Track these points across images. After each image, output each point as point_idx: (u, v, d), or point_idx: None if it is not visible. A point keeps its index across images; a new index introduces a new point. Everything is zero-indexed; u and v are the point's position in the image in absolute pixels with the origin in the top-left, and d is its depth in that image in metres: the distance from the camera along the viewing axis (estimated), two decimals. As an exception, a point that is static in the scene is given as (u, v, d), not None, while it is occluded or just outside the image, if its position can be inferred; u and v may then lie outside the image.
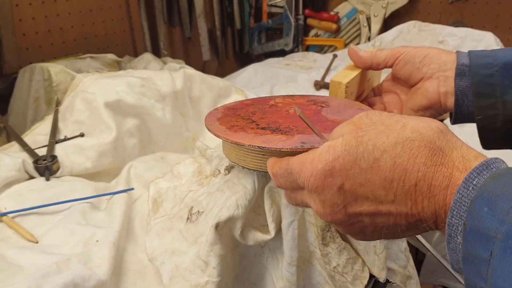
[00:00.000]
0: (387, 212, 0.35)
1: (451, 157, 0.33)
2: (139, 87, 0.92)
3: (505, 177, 0.30)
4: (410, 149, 0.33)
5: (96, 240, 0.61)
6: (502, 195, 0.28)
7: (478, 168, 0.31)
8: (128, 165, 0.81)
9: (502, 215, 0.28)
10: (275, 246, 0.61)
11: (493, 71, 0.52)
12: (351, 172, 0.35)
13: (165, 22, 1.70)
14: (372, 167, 0.34)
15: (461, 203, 0.30)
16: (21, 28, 1.28)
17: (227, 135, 0.54)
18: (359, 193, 0.35)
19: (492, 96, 0.53)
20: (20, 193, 0.70)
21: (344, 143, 0.36)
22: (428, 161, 0.33)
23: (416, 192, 0.33)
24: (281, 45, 1.91)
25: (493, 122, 0.54)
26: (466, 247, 0.30)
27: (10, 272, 0.54)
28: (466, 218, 0.30)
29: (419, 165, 0.33)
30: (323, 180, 0.36)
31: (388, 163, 0.34)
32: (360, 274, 0.61)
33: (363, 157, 0.34)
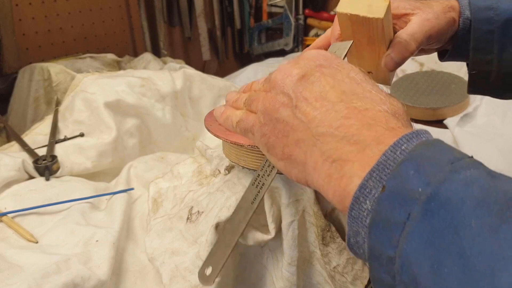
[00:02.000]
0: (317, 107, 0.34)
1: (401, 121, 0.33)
2: (139, 87, 0.92)
3: (436, 145, 0.29)
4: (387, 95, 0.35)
5: (96, 240, 0.61)
6: (432, 160, 0.27)
7: (408, 135, 0.29)
8: (128, 165, 0.81)
9: (429, 178, 0.26)
10: (275, 246, 0.61)
11: (493, 27, 0.51)
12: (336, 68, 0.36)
13: (165, 22, 1.70)
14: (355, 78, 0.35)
15: (385, 165, 0.28)
16: (21, 28, 1.28)
17: (227, 135, 0.54)
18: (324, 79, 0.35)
19: (489, 53, 0.52)
20: (20, 193, 0.70)
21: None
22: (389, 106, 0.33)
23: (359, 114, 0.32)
24: (281, 45, 1.91)
25: (486, 77, 0.54)
26: (378, 211, 0.27)
27: (10, 272, 0.54)
28: (387, 180, 0.27)
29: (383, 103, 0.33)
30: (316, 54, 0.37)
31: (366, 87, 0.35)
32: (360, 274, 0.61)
33: (356, 70, 0.36)
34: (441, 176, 0.26)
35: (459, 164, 0.27)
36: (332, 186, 0.31)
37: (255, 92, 0.42)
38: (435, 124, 1.09)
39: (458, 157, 0.27)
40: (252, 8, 1.98)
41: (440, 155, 0.27)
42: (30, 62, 1.16)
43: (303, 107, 0.34)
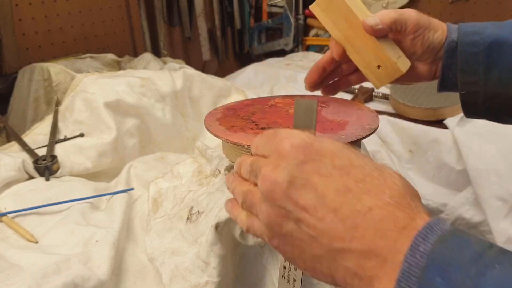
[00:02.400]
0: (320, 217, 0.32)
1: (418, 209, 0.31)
2: (139, 87, 0.92)
3: (452, 241, 0.28)
4: (384, 179, 0.32)
5: (96, 240, 0.61)
6: (453, 262, 0.27)
7: (423, 233, 0.29)
8: (128, 165, 0.81)
9: (457, 285, 0.26)
10: (275, 246, 0.61)
11: (478, 50, 0.54)
12: (321, 159, 0.33)
13: (165, 22, 1.70)
14: (343, 168, 0.33)
15: (410, 273, 0.28)
16: (21, 28, 1.28)
17: (227, 136, 0.54)
18: (313, 180, 0.32)
19: (475, 74, 0.55)
20: (20, 193, 0.70)
21: (331, 141, 0.35)
22: (396, 198, 0.31)
23: (364, 217, 0.30)
24: (281, 45, 1.91)
25: (475, 98, 0.56)
26: None
27: (10, 272, 0.54)
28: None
29: (385, 196, 0.31)
30: (295, 147, 0.34)
31: (358, 175, 0.32)
32: (360, 274, 0.61)
33: (341, 156, 0.33)
34: (469, 283, 0.26)
35: (483, 263, 0.27)
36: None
37: (248, 193, 0.38)
38: (435, 124, 1.09)
39: (479, 252, 0.27)
40: (252, 8, 1.98)
41: (461, 254, 0.27)
42: (30, 62, 1.16)
43: (306, 219, 0.32)
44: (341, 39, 0.58)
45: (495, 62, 0.54)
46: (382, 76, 0.58)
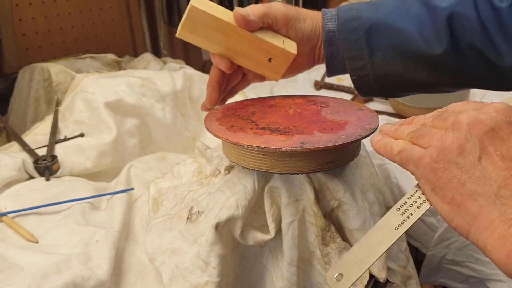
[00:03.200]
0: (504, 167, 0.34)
1: None
2: (139, 87, 0.92)
3: None
4: None
5: (96, 240, 0.61)
6: None
7: None
8: (128, 165, 0.81)
9: None
10: (275, 246, 0.61)
11: (359, 36, 0.55)
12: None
13: (165, 22, 1.70)
14: None
15: None
16: (21, 28, 1.28)
17: (227, 136, 0.54)
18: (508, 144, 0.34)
19: (361, 59, 0.56)
20: (20, 193, 0.70)
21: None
22: None
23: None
24: (281, 45, 1.91)
25: (366, 81, 0.58)
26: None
27: (10, 272, 0.54)
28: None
29: None
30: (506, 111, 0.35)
31: None
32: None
33: None
34: None
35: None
36: (506, 248, 0.32)
37: (425, 127, 0.40)
38: (435, 124, 1.09)
39: None
40: (252, 8, 1.98)
41: None
42: (30, 62, 1.16)
43: (487, 162, 0.34)
44: (223, 51, 0.57)
45: (377, 44, 0.55)
46: (277, 67, 0.59)
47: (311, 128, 0.54)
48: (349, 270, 0.42)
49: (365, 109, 0.62)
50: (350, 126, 0.55)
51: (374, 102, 1.26)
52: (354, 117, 0.58)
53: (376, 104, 1.25)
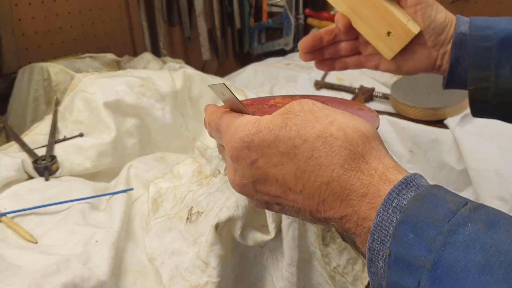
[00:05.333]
0: (293, 199, 0.34)
1: (372, 166, 0.32)
2: (139, 86, 0.92)
3: (428, 198, 0.29)
4: (330, 146, 0.32)
5: (95, 240, 0.61)
6: (427, 220, 0.28)
7: (397, 188, 0.30)
8: (128, 165, 0.81)
9: (429, 243, 0.27)
10: (275, 246, 0.61)
11: (491, 44, 0.53)
12: (267, 151, 0.34)
13: (165, 22, 1.70)
14: (289, 152, 0.33)
15: (382, 227, 0.29)
16: (20, 28, 1.28)
17: (227, 135, 0.54)
18: (270, 173, 0.34)
19: (486, 69, 0.53)
20: (19, 193, 0.70)
21: (269, 120, 0.35)
22: (346, 163, 0.32)
23: (326, 191, 0.32)
24: (281, 45, 1.91)
25: (485, 94, 0.55)
26: (391, 275, 0.28)
27: (10, 272, 0.54)
28: (391, 245, 0.28)
29: (335, 165, 0.32)
30: (239, 150, 0.35)
31: (305, 153, 0.33)
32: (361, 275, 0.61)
33: (283, 140, 0.34)
34: (441, 240, 0.27)
35: (456, 221, 0.27)
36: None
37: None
38: (436, 124, 1.09)
39: (453, 211, 0.28)
40: (252, 8, 1.98)
41: (434, 211, 0.28)
42: (30, 62, 1.16)
43: (284, 202, 0.35)
44: (348, 11, 0.56)
45: (507, 57, 0.53)
46: (393, 43, 0.57)
47: (311, 128, 0.54)
48: None
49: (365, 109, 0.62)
50: (350, 126, 0.55)
51: (374, 102, 1.26)
52: (354, 117, 0.58)
53: (377, 104, 1.25)
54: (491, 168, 0.98)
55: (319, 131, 0.33)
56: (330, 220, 0.33)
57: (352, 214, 0.32)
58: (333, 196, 0.32)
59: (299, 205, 0.34)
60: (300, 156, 0.33)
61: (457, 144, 1.03)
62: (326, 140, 0.33)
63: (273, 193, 0.35)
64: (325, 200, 0.33)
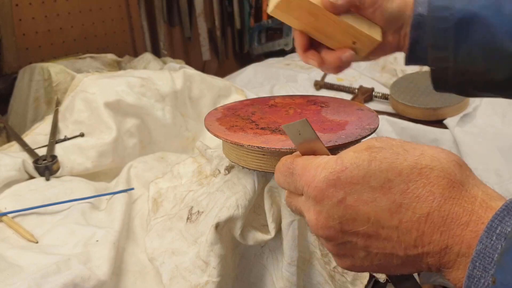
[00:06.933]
0: (386, 237, 0.32)
1: (472, 193, 0.31)
2: (139, 87, 0.92)
3: None
4: (427, 177, 0.31)
5: (96, 240, 0.61)
6: None
7: (499, 214, 0.29)
8: (128, 165, 0.81)
9: None
10: (275, 246, 0.61)
11: (448, 26, 0.53)
12: (357, 187, 0.32)
13: (165, 22, 1.70)
14: (383, 187, 0.32)
15: (486, 254, 0.28)
16: (21, 28, 1.28)
17: (227, 135, 0.54)
18: (361, 211, 0.32)
19: (445, 50, 0.54)
20: (20, 193, 0.70)
21: (355, 156, 0.33)
22: (446, 192, 0.30)
23: (426, 223, 0.31)
24: (281, 45, 1.91)
25: (444, 74, 0.56)
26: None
27: (10, 272, 0.54)
28: (496, 272, 0.27)
29: (435, 195, 0.30)
30: (325, 189, 0.33)
31: (400, 186, 0.31)
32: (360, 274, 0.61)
33: (374, 175, 0.32)
34: None
35: None
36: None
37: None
38: (435, 124, 1.09)
39: None
40: (252, 8, 1.98)
41: None
42: (30, 62, 1.16)
43: (373, 244, 0.33)
44: (309, 30, 0.57)
45: (464, 37, 0.53)
46: (360, 50, 0.58)
47: (311, 128, 0.54)
48: None
49: (365, 109, 0.62)
50: (350, 126, 0.55)
51: (374, 102, 1.26)
52: (354, 117, 0.58)
53: (376, 104, 1.25)
54: (491, 168, 0.98)
55: (413, 163, 0.32)
56: (427, 256, 0.31)
57: (454, 244, 0.30)
58: (433, 228, 0.31)
59: (393, 244, 0.32)
60: (394, 189, 0.31)
61: (456, 144, 1.03)
62: (421, 172, 0.31)
63: (363, 233, 0.33)
64: (424, 233, 0.31)
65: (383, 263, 0.34)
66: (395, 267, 0.34)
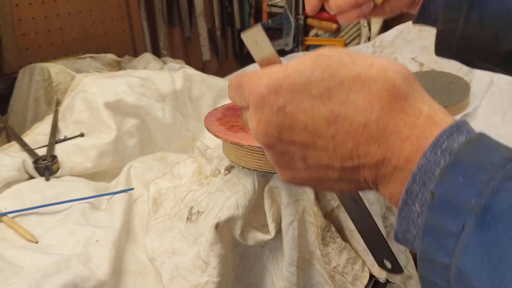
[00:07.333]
0: (323, 147, 0.31)
1: (416, 107, 0.30)
2: (139, 87, 0.92)
3: (480, 143, 0.27)
4: (369, 88, 0.30)
5: (96, 240, 0.61)
6: (480, 165, 0.26)
7: (448, 130, 0.28)
8: (128, 165, 0.81)
9: (480, 187, 0.25)
10: (275, 246, 0.61)
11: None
12: (298, 95, 0.31)
13: (165, 22, 1.70)
14: (322, 95, 0.31)
15: (428, 168, 0.27)
16: (21, 28, 1.28)
17: (227, 136, 0.54)
18: (299, 120, 0.31)
19: (458, 12, 0.53)
20: (20, 193, 0.70)
21: (299, 63, 0.32)
22: (386, 105, 0.29)
23: (363, 135, 0.30)
24: (281, 45, 1.91)
25: (452, 36, 0.55)
26: (431, 217, 0.26)
27: (10, 272, 0.54)
28: (436, 186, 0.26)
29: (375, 107, 0.29)
30: (265, 96, 0.32)
31: (340, 96, 0.30)
32: (360, 274, 0.61)
33: (315, 83, 0.31)
34: (494, 185, 0.25)
35: (511, 167, 0.25)
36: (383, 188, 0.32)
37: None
38: (435, 124, 1.09)
39: (508, 158, 0.26)
40: (252, 8, 1.98)
41: (488, 157, 0.26)
42: (30, 62, 1.16)
43: (311, 154, 0.32)
44: None
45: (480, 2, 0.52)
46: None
47: (311, 128, 0.54)
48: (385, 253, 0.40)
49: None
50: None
51: (374, 102, 1.27)
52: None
53: (376, 104, 1.25)
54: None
55: (357, 73, 0.30)
56: (363, 168, 0.31)
57: (391, 157, 0.29)
58: (370, 140, 0.30)
59: (329, 154, 0.31)
60: (334, 99, 0.30)
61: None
62: (364, 82, 0.30)
63: (300, 141, 0.32)
64: (360, 144, 0.30)
65: (321, 176, 0.33)
66: (333, 182, 0.33)
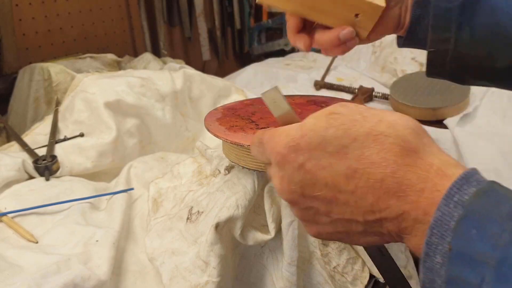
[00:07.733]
0: (345, 202, 0.33)
1: (427, 161, 0.31)
2: (139, 87, 0.92)
3: (490, 194, 0.29)
4: (382, 143, 0.32)
5: (96, 240, 0.61)
6: (491, 216, 0.27)
7: (458, 183, 0.29)
8: (128, 165, 0.81)
9: (493, 239, 0.27)
10: (275, 246, 0.61)
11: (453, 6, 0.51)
12: (315, 153, 0.33)
13: (165, 22, 1.70)
14: (338, 152, 0.33)
15: (443, 221, 0.29)
16: (21, 28, 1.28)
17: (227, 136, 0.54)
18: (319, 176, 0.33)
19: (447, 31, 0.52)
20: (20, 193, 0.70)
21: (313, 123, 0.34)
22: (400, 159, 0.31)
23: (381, 189, 0.31)
24: (281, 45, 1.91)
25: (444, 57, 0.54)
26: (451, 269, 0.28)
27: (10, 272, 0.54)
28: (452, 239, 0.28)
29: (389, 161, 0.31)
30: (286, 155, 0.35)
31: (355, 152, 0.32)
32: (360, 274, 0.61)
33: (330, 141, 0.33)
34: (506, 237, 0.26)
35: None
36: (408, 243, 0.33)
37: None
38: (435, 124, 1.09)
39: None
40: (252, 8, 1.98)
41: (497, 208, 0.28)
42: (30, 62, 1.16)
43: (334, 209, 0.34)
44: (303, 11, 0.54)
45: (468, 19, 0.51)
46: (364, 23, 0.55)
47: (311, 128, 0.54)
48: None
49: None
50: (350, 126, 0.55)
51: (374, 102, 1.27)
52: (354, 117, 0.58)
53: (376, 104, 1.25)
54: (491, 168, 0.98)
55: (369, 129, 0.32)
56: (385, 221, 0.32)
57: (410, 210, 0.31)
58: (388, 193, 0.31)
59: (351, 209, 0.33)
60: (350, 155, 0.32)
61: (456, 144, 1.03)
62: (376, 138, 0.32)
63: (322, 197, 0.34)
64: (379, 198, 0.32)
65: (346, 230, 0.35)
66: (359, 235, 0.35)
